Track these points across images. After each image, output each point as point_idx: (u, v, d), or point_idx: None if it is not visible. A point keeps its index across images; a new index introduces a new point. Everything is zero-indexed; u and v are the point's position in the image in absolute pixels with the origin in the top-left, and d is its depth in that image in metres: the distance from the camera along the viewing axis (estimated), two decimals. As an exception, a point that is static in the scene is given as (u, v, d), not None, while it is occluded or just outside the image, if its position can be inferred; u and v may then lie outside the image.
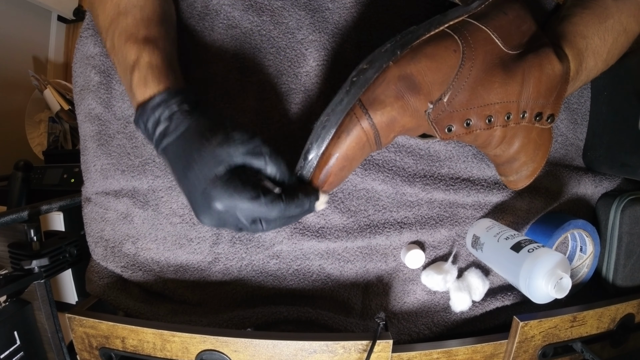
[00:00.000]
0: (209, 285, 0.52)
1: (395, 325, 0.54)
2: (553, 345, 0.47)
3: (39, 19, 1.61)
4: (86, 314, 0.47)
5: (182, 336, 0.44)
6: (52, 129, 1.45)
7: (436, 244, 0.54)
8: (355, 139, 0.37)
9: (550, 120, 0.44)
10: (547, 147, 0.47)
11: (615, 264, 0.55)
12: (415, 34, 0.39)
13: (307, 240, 0.50)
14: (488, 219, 0.53)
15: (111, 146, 0.51)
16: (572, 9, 0.48)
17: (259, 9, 0.48)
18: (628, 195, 0.55)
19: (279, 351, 0.43)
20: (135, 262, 0.52)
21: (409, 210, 0.52)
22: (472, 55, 0.39)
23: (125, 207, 0.51)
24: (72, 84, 0.52)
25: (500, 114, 0.41)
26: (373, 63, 0.37)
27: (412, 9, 0.50)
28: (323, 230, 0.51)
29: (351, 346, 0.43)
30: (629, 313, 0.50)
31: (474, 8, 0.42)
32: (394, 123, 0.38)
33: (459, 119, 0.40)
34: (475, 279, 0.53)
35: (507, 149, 0.45)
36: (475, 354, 0.46)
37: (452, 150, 0.52)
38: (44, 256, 0.50)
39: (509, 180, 0.49)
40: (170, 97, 0.37)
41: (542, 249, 0.44)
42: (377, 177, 0.50)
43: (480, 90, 0.40)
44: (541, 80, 0.42)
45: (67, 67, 1.70)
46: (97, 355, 0.47)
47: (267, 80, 0.49)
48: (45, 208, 0.58)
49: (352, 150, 0.38)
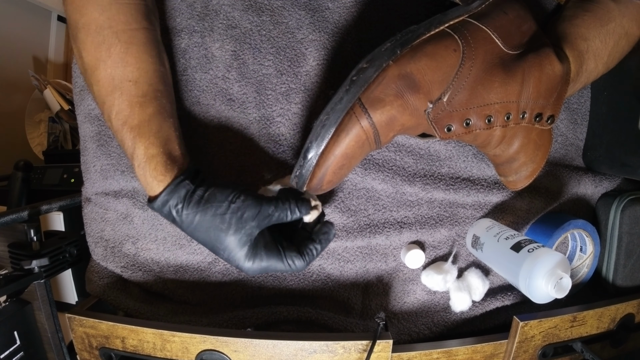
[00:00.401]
0: (209, 285, 0.52)
1: (395, 325, 0.54)
2: (553, 345, 0.47)
3: (39, 19, 1.61)
4: (86, 314, 0.47)
5: (182, 336, 0.44)
6: (52, 129, 1.45)
7: (436, 243, 0.54)
8: (354, 137, 0.37)
9: (550, 121, 0.44)
10: (546, 147, 0.47)
11: (615, 264, 0.55)
12: (415, 33, 0.39)
13: None
14: (488, 218, 0.53)
15: (111, 147, 0.51)
16: (574, 10, 0.48)
17: (259, 9, 0.48)
18: (628, 195, 0.55)
19: (279, 351, 0.43)
20: (135, 262, 0.52)
21: (409, 209, 0.52)
22: (472, 55, 0.39)
23: (125, 207, 0.51)
24: (72, 84, 0.52)
25: (500, 114, 0.41)
26: (373, 62, 0.37)
27: (412, 9, 0.50)
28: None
29: (351, 346, 0.43)
30: (629, 313, 0.50)
31: (475, 8, 0.42)
32: (393, 122, 0.38)
33: (458, 119, 0.40)
34: (475, 279, 0.53)
35: (507, 149, 0.45)
36: (475, 354, 0.46)
37: (452, 149, 0.52)
38: (44, 256, 0.50)
39: (508, 181, 0.49)
40: (171, 194, 0.39)
41: (542, 249, 0.44)
42: (377, 176, 0.50)
43: (480, 90, 0.40)
44: (541, 80, 0.42)
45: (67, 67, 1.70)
46: (97, 355, 0.47)
47: (267, 81, 0.49)
48: (45, 208, 0.58)
49: (352, 149, 0.38)
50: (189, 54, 0.49)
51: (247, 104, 0.49)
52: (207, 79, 0.49)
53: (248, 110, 0.49)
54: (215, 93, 0.49)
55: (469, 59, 0.39)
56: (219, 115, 0.49)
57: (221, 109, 0.49)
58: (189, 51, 0.49)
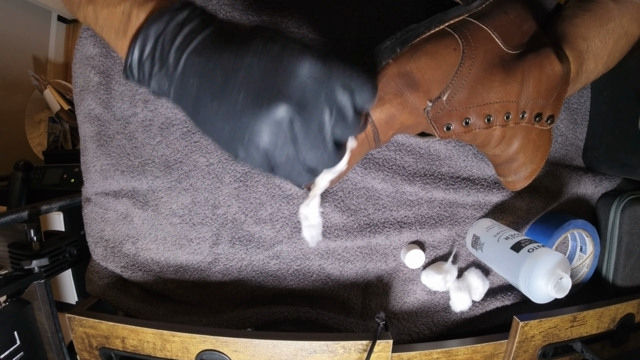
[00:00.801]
0: (209, 285, 0.52)
1: (395, 325, 0.54)
2: (553, 345, 0.47)
3: (39, 19, 1.61)
4: (86, 314, 0.47)
5: (182, 336, 0.44)
6: (52, 129, 1.45)
7: (436, 243, 0.54)
8: None
9: (550, 122, 0.44)
10: (546, 148, 0.47)
11: (615, 264, 0.55)
12: (415, 32, 0.39)
13: None
14: (488, 218, 0.53)
15: (111, 147, 0.51)
16: (574, 10, 0.48)
17: (259, 9, 0.48)
18: (628, 195, 0.55)
19: (279, 351, 0.43)
20: (135, 262, 0.52)
21: (409, 209, 0.52)
22: (472, 54, 0.39)
23: (125, 207, 0.51)
24: (72, 84, 0.52)
25: (500, 114, 0.41)
26: (373, 60, 0.38)
27: (412, 8, 0.50)
28: (323, 230, 0.51)
29: (351, 346, 0.43)
30: (629, 313, 0.50)
31: (475, 7, 0.42)
32: (392, 120, 0.38)
33: (458, 118, 0.40)
34: (475, 279, 0.53)
35: (506, 149, 0.45)
36: (475, 354, 0.46)
37: (452, 149, 0.52)
38: (44, 256, 0.50)
39: (508, 181, 0.49)
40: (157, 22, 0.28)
41: (542, 249, 0.44)
42: (377, 175, 0.50)
43: (480, 89, 0.40)
44: (541, 80, 0.42)
45: (67, 67, 1.70)
46: (97, 355, 0.47)
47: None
48: (45, 208, 0.58)
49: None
50: None
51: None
52: None
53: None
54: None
55: (468, 58, 0.39)
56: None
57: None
58: None
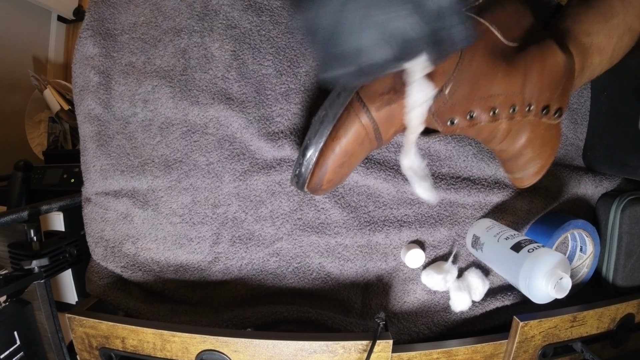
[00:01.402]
0: (209, 284, 0.52)
1: (395, 325, 0.54)
2: (553, 345, 0.47)
3: (39, 19, 1.61)
4: (86, 314, 0.47)
5: (182, 336, 0.44)
6: (52, 129, 1.45)
7: (436, 243, 0.54)
8: (354, 133, 0.37)
9: (557, 115, 0.43)
10: (555, 143, 0.46)
11: (615, 264, 0.55)
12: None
13: (307, 236, 0.50)
14: (488, 219, 0.53)
15: (111, 147, 0.51)
16: (577, 7, 0.48)
17: (259, 9, 0.48)
18: (628, 195, 0.55)
19: (279, 351, 0.43)
20: (135, 262, 0.52)
21: (409, 208, 0.52)
22: (472, 48, 0.39)
23: (125, 207, 0.51)
24: (72, 84, 0.52)
25: (505, 106, 0.40)
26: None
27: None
28: (323, 226, 0.51)
29: (351, 346, 0.43)
30: (629, 313, 0.50)
31: (473, 1, 0.42)
32: (393, 117, 0.38)
33: (461, 111, 0.40)
34: (475, 279, 0.53)
35: (513, 144, 0.44)
36: (475, 354, 0.46)
37: (452, 149, 0.52)
38: (44, 256, 0.50)
39: (515, 178, 0.48)
40: None
41: (542, 249, 0.44)
42: (379, 175, 0.50)
43: (483, 82, 0.39)
44: (544, 71, 0.41)
45: (67, 67, 1.70)
46: (97, 355, 0.47)
47: (267, 81, 0.49)
48: (45, 208, 0.58)
49: (351, 145, 0.37)
50: (188, 53, 0.49)
51: (246, 103, 0.49)
52: (207, 79, 0.49)
53: (248, 110, 0.49)
54: (214, 93, 0.49)
55: (468, 52, 0.39)
56: (218, 114, 0.49)
57: (220, 108, 0.49)
58: (189, 51, 0.49)
